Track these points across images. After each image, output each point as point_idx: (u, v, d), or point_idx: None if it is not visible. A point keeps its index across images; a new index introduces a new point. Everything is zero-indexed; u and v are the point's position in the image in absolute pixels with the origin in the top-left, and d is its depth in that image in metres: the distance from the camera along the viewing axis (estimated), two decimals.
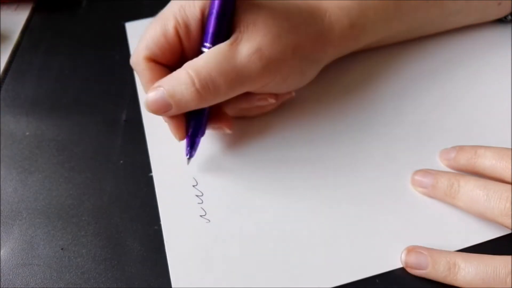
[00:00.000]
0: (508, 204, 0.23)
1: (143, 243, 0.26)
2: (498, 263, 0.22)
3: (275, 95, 0.29)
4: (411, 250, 0.24)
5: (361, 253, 0.25)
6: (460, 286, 0.23)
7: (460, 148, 0.28)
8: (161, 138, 0.31)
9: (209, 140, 0.30)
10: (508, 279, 0.21)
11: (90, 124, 0.32)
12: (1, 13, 0.43)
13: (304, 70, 0.29)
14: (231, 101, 0.28)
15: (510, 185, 0.24)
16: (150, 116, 0.32)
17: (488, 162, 0.26)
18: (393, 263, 0.24)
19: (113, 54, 0.38)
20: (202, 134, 0.28)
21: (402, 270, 0.24)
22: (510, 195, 0.23)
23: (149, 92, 0.26)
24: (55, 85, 0.36)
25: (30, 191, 0.29)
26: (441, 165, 0.28)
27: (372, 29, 0.31)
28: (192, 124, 0.28)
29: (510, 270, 0.21)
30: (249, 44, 0.25)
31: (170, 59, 0.27)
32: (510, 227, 0.23)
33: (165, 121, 0.28)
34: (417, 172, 0.28)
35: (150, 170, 0.29)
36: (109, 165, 0.30)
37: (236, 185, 0.28)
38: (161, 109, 0.25)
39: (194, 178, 0.28)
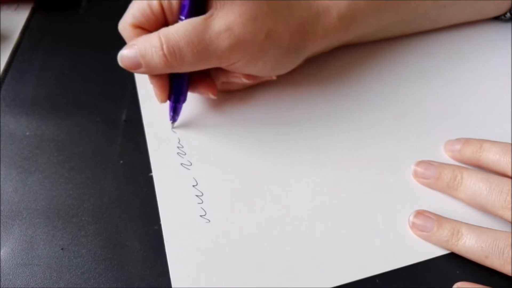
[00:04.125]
0: (509, 198, 0.23)
1: (143, 243, 0.26)
2: (499, 235, 0.23)
3: (250, 76, 0.30)
4: (420, 212, 0.25)
5: (361, 253, 0.25)
6: (458, 252, 0.24)
7: (466, 141, 0.28)
8: (161, 138, 0.31)
9: (208, 139, 0.30)
10: (506, 251, 0.22)
11: (90, 124, 0.32)
12: (1, 13, 0.43)
13: (278, 58, 0.29)
14: (210, 71, 0.30)
15: (511, 179, 0.24)
16: (150, 116, 0.32)
17: (493, 156, 0.26)
18: (393, 263, 0.24)
19: (113, 54, 0.38)
20: (184, 100, 0.30)
21: (402, 270, 0.24)
22: (511, 189, 0.23)
23: (125, 48, 0.27)
24: (55, 85, 0.36)
25: (30, 191, 0.29)
26: (443, 157, 0.29)
27: (363, 20, 0.31)
28: (173, 90, 0.29)
29: (510, 243, 0.22)
30: (222, 21, 0.26)
31: (155, 28, 0.28)
32: (510, 220, 0.24)
33: (150, 82, 0.29)
34: (419, 163, 0.28)
35: (150, 170, 0.29)
36: (109, 165, 0.30)
37: (236, 185, 0.28)
38: (132, 66, 0.27)
39: (194, 178, 0.28)
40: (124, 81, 0.35)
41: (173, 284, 0.24)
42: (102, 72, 0.37)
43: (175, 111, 0.30)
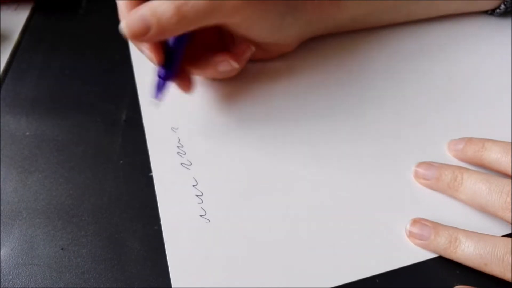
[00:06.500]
0: (509, 199, 0.23)
1: (143, 243, 0.26)
2: (498, 242, 0.22)
3: (236, 58, 0.30)
4: (416, 221, 0.25)
5: (361, 253, 0.25)
6: (457, 260, 0.23)
7: (468, 140, 0.28)
8: (161, 138, 0.31)
9: (208, 139, 0.30)
10: (506, 258, 0.22)
11: (90, 124, 0.32)
12: (1, 13, 0.43)
13: (282, 13, 0.29)
14: (193, 63, 0.30)
15: (511, 180, 0.24)
16: (150, 116, 0.32)
17: (494, 155, 0.26)
18: (393, 263, 0.24)
19: (113, 54, 0.38)
20: (172, 76, 0.28)
21: (402, 270, 0.24)
22: (511, 190, 0.23)
23: (128, 15, 0.26)
24: (55, 85, 0.36)
25: (30, 191, 0.29)
26: (444, 156, 0.29)
27: None
28: (165, 63, 0.28)
29: (509, 250, 0.22)
30: None
31: None
32: (510, 221, 0.24)
33: (144, 49, 0.28)
34: (420, 164, 0.28)
35: (150, 170, 0.29)
36: (109, 165, 0.30)
37: (236, 185, 0.28)
38: (140, 28, 0.25)
39: (194, 178, 0.28)
40: (124, 81, 0.35)
41: (173, 284, 0.24)
42: (102, 72, 0.37)
43: (160, 88, 0.29)
